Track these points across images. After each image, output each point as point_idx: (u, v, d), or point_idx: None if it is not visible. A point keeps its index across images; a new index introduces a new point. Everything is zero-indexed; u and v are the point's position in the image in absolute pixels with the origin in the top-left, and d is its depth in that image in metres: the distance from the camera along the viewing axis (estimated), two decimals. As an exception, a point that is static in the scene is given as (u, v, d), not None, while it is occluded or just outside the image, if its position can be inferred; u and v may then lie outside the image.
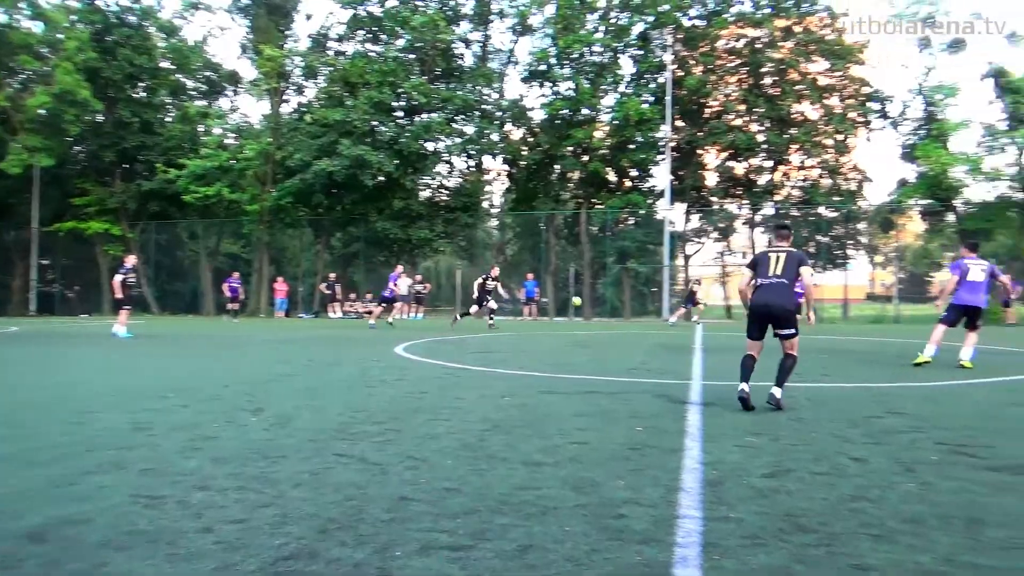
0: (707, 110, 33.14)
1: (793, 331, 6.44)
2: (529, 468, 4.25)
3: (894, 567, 2.75)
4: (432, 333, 18.01)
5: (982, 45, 44.72)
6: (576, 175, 33.87)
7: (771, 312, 6.44)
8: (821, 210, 32.28)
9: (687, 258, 36.03)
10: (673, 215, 33.22)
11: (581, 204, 33.67)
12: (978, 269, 9.88)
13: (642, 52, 31.98)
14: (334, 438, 5.07)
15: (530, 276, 29.49)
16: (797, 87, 31.34)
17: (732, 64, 32.52)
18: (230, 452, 4.59)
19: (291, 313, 31.43)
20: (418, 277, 30.40)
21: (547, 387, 7.87)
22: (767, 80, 32.11)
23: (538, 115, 33.73)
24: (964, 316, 10.04)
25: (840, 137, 31.71)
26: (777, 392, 6.26)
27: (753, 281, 6.66)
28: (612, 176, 33.89)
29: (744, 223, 34.82)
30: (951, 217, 31.08)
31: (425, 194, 34.50)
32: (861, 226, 36.06)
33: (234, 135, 33.05)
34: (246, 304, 30.93)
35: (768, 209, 33.44)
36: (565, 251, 37.26)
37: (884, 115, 32.24)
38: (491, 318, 20.40)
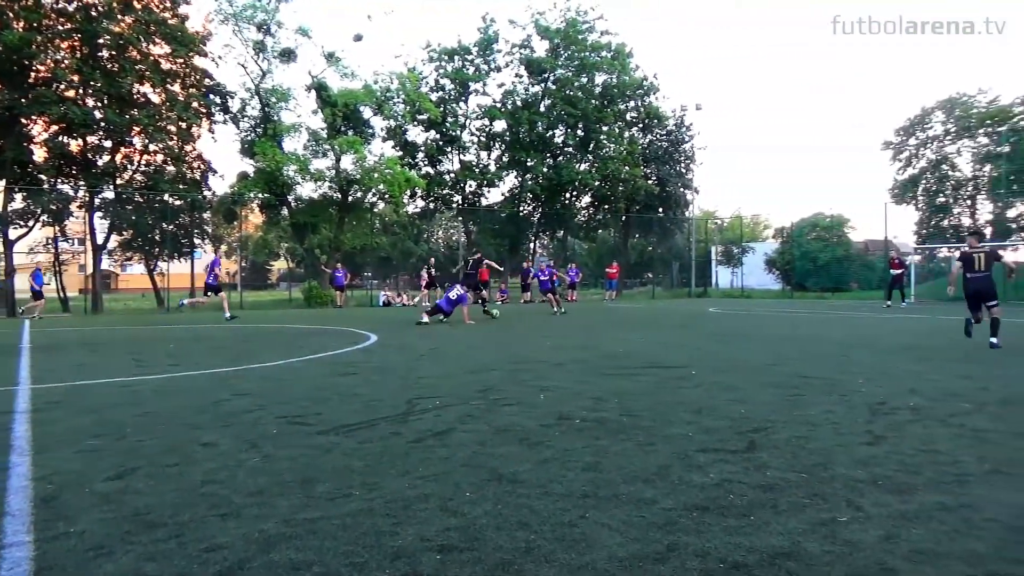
0: (33, 75, 28.89)
1: (995, 302, 10.19)
2: None
3: (243, 540, 2.93)
4: None
5: (309, 59, 50.87)
6: None
7: (980, 295, 10.24)
8: (167, 197, 31.73)
9: (10, 244, 30.89)
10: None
11: None
12: (544, 266, 19.44)
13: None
14: None
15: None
16: (138, 67, 29.94)
17: (64, 28, 29.09)
18: None
19: None
20: None
21: None
22: (105, 54, 29.75)
23: None
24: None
25: (184, 125, 31.60)
26: (995, 340, 9.89)
27: (964, 274, 10.42)
28: None
29: (81, 207, 31.69)
30: (285, 211, 34.33)
31: None
32: (207, 216, 36.82)
33: None
34: None
35: (108, 193, 31.24)
36: None
37: (226, 109, 33.50)
38: (484, 305, 19.80)
